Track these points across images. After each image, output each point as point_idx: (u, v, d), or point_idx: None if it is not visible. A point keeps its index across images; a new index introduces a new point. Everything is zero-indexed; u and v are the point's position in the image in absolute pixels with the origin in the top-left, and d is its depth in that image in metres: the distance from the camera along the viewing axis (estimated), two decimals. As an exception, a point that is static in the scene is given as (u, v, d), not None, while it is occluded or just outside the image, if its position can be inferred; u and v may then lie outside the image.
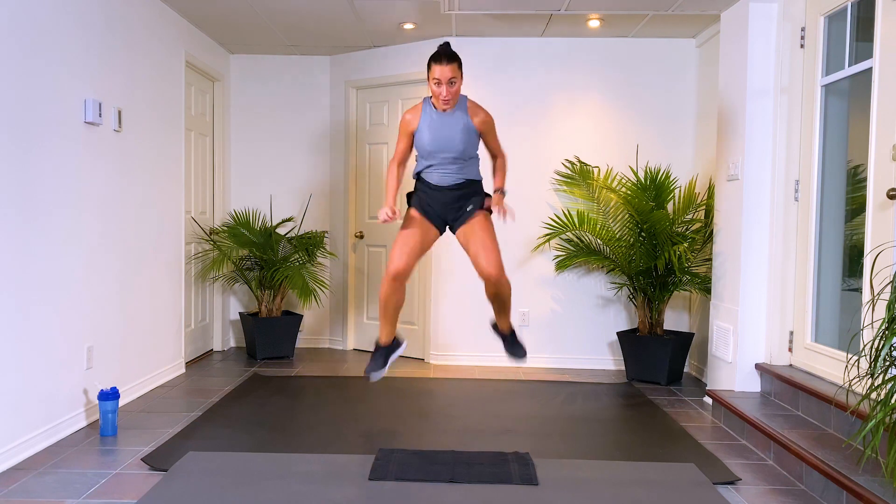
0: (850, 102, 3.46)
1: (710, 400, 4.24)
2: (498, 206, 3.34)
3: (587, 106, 5.23)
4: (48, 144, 3.26)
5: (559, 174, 5.21)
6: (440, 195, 3.39)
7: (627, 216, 4.82)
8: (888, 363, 2.18)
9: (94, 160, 3.67)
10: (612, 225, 4.95)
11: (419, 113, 3.36)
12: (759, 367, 3.91)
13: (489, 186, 5.37)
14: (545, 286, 5.28)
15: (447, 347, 5.34)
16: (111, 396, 3.41)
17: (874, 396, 2.82)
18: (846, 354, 3.35)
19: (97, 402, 3.57)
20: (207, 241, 5.32)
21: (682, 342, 4.69)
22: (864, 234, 3.22)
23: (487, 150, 3.52)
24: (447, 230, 3.55)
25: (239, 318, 5.82)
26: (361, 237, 5.75)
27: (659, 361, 4.67)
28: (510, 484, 2.83)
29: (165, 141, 4.58)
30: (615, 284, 5.25)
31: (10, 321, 3.00)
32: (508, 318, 3.59)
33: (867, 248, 3.13)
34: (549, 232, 5.09)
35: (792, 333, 3.86)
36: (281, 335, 5.34)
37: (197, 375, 4.76)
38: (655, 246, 4.67)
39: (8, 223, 2.98)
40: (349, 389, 4.43)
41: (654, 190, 4.78)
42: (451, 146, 3.32)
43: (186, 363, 5.14)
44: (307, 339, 5.95)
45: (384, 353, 3.53)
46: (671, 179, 5.13)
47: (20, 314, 3.07)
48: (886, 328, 2.12)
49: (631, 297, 4.96)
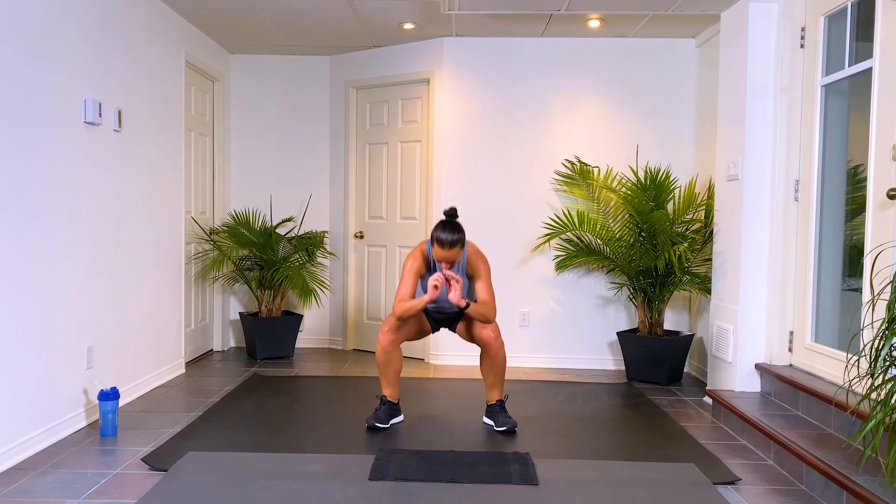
0: (850, 102, 3.46)
1: (710, 400, 4.24)
2: (451, 278, 3.39)
3: (587, 106, 5.23)
4: (48, 144, 3.26)
5: (559, 174, 5.21)
6: (441, 314, 3.77)
7: (627, 216, 4.82)
8: (888, 363, 2.18)
9: (93, 160, 3.67)
10: (612, 225, 4.95)
11: (424, 260, 3.57)
12: (759, 367, 3.91)
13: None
14: (545, 286, 5.28)
15: (447, 347, 5.34)
16: (111, 396, 3.41)
17: (874, 396, 2.82)
18: (846, 354, 3.35)
19: (97, 402, 3.57)
20: (207, 241, 5.32)
21: (682, 342, 4.69)
22: (864, 234, 3.22)
23: (476, 291, 3.64)
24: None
25: (239, 318, 5.82)
26: (361, 237, 5.75)
27: (659, 361, 4.67)
28: (510, 484, 2.83)
29: (165, 141, 4.57)
30: (615, 284, 5.25)
31: (10, 321, 3.00)
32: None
33: (867, 248, 3.13)
34: (549, 232, 5.09)
35: (792, 333, 3.86)
36: (281, 335, 5.34)
37: (197, 375, 4.76)
38: (655, 246, 4.67)
39: (8, 223, 2.98)
40: (349, 389, 4.43)
41: (654, 190, 4.78)
42: (452, 306, 3.63)
43: (186, 363, 5.14)
44: (307, 339, 5.95)
45: (388, 410, 3.64)
46: (671, 179, 5.13)
47: (20, 314, 3.07)
48: (886, 328, 2.12)
49: (631, 297, 4.96)
